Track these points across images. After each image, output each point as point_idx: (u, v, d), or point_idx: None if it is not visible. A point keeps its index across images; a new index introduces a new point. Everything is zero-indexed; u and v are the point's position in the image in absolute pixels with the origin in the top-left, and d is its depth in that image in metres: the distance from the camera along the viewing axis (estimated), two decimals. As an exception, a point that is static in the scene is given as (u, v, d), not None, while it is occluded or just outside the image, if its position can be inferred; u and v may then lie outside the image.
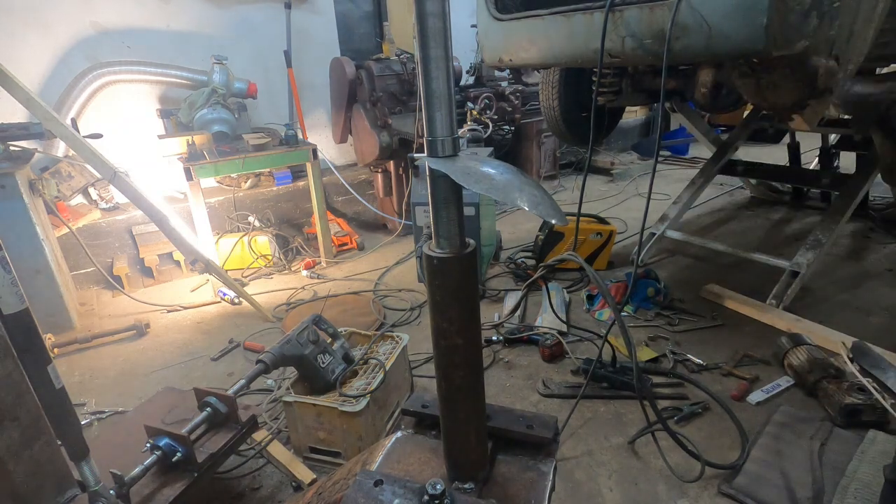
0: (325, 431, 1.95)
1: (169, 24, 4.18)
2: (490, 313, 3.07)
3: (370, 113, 4.21)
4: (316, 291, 3.58)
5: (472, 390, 0.89)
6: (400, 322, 3.10)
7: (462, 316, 0.82)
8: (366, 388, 1.97)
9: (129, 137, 4.11)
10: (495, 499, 0.92)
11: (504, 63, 2.66)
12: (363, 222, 4.91)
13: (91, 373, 2.76)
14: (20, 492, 1.26)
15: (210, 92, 3.99)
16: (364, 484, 0.87)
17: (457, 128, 0.75)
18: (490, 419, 1.03)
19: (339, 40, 5.13)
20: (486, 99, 4.52)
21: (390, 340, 2.31)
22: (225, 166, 3.49)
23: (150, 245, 3.82)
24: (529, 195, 0.71)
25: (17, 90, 2.52)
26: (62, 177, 3.62)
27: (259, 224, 4.20)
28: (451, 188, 0.75)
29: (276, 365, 1.91)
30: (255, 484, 1.96)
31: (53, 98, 3.72)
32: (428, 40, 0.68)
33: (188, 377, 2.67)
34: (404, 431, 1.13)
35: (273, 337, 2.96)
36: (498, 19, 2.55)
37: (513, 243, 4.11)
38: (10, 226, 2.83)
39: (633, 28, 1.99)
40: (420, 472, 1.00)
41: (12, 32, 3.60)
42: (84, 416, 2.36)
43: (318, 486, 1.19)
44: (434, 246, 0.80)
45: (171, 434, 1.58)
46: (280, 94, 4.76)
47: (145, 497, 1.51)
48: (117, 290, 3.50)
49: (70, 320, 3.15)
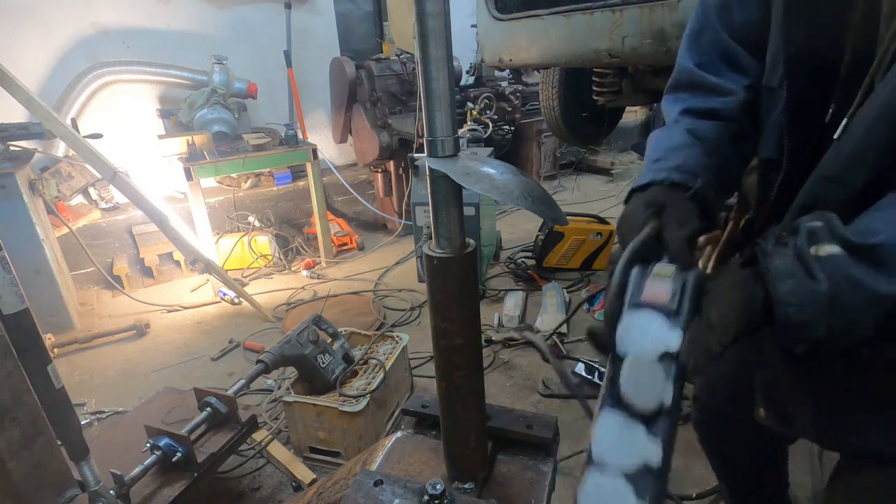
0: (325, 431, 1.95)
1: (169, 24, 4.18)
2: (490, 313, 3.07)
3: (370, 113, 4.21)
4: (316, 291, 3.58)
5: (472, 390, 0.89)
6: (400, 322, 3.10)
7: (462, 316, 0.82)
8: (366, 388, 1.97)
9: (129, 137, 4.11)
10: (495, 499, 0.92)
11: (504, 63, 2.65)
12: (363, 222, 4.91)
13: (91, 373, 2.76)
14: (20, 492, 1.26)
15: (210, 92, 3.99)
16: (364, 484, 0.87)
17: (457, 128, 0.75)
18: (490, 419, 1.03)
19: (339, 40, 5.13)
20: (486, 99, 4.52)
21: (390, 340, 2.31)
22: (225, 166, 3.49)
23: (150, 245, 3.82)
24: (529, 195, 0.71)
25: (17, 90, 2.52)
26: (62, 177, 3.62)
27: (259, 224, 4.19)
28: (451, 188, 0.75)
29: (276, 365, 1.91)
30: (255, 484, 1.96)
31: (53, 98, 3.72)
32: (428, 40, 0.68)
33: (188, 377, 2.67)
34: (404, 431, 1.13)
35: (273, 337, 2.96)
36: (498, 19, 2.55)
37: (513, 243, 4.11)
38: (10, 226, 2.83)
39: (633, 28, 1.99)
40: (420, 472, 1.00)
41: (12, 32, 3.60)
42: (84, 416, 2.36)
43: (318, 486, 1.19)
44: (434, 246, 0.80)
45: (171, 434, 1.58)
46: (280, 94, 4.76)
47: (145, 497, 1.51)
48: (117, 290, 3.50)
49: (70, 320, 3.15)
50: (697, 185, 0.77)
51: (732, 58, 0.87)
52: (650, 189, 0.80)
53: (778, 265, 0.61)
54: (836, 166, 0.66)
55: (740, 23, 0.85)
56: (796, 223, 0.63)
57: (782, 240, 0.64)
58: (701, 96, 0.88)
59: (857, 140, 0.63)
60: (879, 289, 0.55)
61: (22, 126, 2.87)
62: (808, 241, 0.60)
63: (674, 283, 0.64)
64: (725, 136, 0.85)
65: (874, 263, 0.56)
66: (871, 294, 0.56)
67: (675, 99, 0.92)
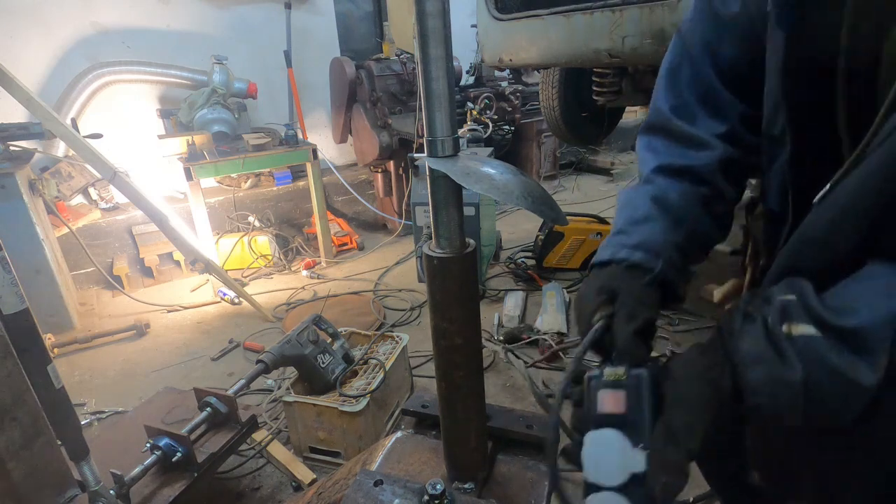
0: (325, 431, 1.95)
1: (169, 24, 4.18)
2: (490, 313, 3.07)
3: (370, 113, 4.21)
4: (316, 291, 3.58)
5: (472, 390, 0.89)
6: (400, 322, 3.10)
7: (462, 316, 0.82)
8: (366, 388, 1.97)
9: (129, 137, 4.11)
10: (495, 499, 0.92)
11: (504, 63, 2.65)
12: (363, 222, 4.90)
13: (91, 373, 2.76)
14: (20, 492, 1.26)
15: (210, 92, 3.99)
16: (364, 484, 0.87)
17: (457, 128, 0.75)
18: (490, 419, 1.03)
19: (339, 40, 5.13)
20: (486, 99, 4.51)
21: (390, 340, 2.31)
22: (225, 166, 3.49)
23: (150, 245, 3.82)
24: (529, 195, 0.71)
25: (17, 90, 2.52)
26: (62, 177, 3.62)
27: (259, 224, 4.19)
28: (451, 188, 0.75)
29: (276, 365, 1.91)
30: (255, 484, 1.95)
31: (53, 98, 3.72)
32: (428, 40, 0.68)
33: (188, 377, 2.67)
34: (404, 431, 1.13)
35: (273, 337, 2.96)
36: (498, 19, 2.55)
37: (513, 243, 4.11)
38: (10, 226, 2.83)
39: (633, 28, 1.99)
40: (420, 472, 1.00)
41: (12, 32, 3.60)
42: (84, 416, 2.36)
43: (319, 486, 1.20)
44: (434, 246, 0.80)
45: (171, 434, 1.58)
46: (280, 94, 4.76)
47: (145, 497, 1.51)
48: (117, 290, 3.50)
49: (70, 320, 3.15)
50: (658, 267, 0.72)
51: (712, 99, 0.81)
52: (608, 268, 0.75)
53: (748, 349, 0.55)
54: (819, 229, 0.60)
55: (728, 61, 0.80)
56: (768, 293, 0.57)
57: (751, 314, 0.57)
58: (675, 148, 0.83)
59: (842, 206, 0.57)
60: (860, 379, 0.49)
61: (22, 126, 2.87)
62: (780, 317, 0.54)
63: (626, 388, 0.57)
64: (697, 202, 0.79)
65: (853, 348, 0.50)
66: (850, 384, 0.49)
67: (650, 146, 0.87)
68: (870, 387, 0.48)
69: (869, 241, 0.55)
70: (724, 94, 0.81)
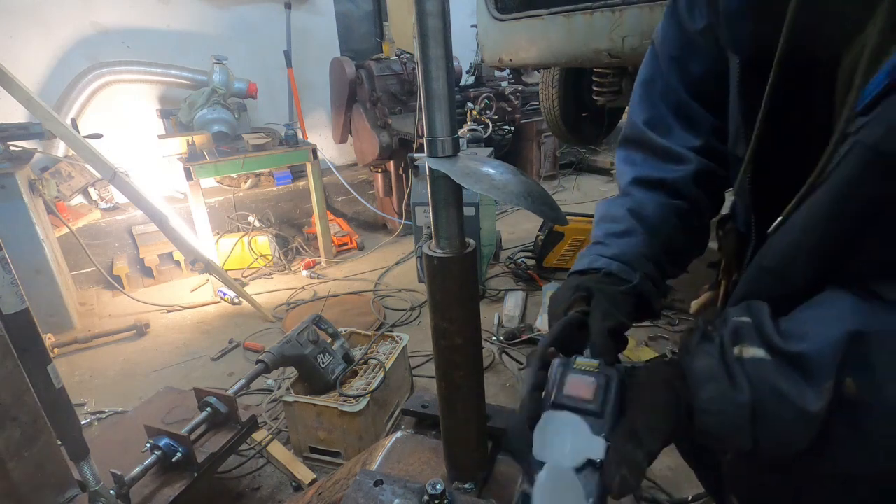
0: (325, 431, 1.95)
1: (169, 24, 4.18)
2: (490, 313, 3.07)
3: (370, 113, 4.21)
4: (316, 291, 3.58)
5: (472, 390, 0.89)
6: (400, 322, 3.10)
7: (462, 316, 0.82)
8: (366, 388, 1.97)
9: (129, 137, 4.11)
10: (495, 499, 0.92)
11: (504, 63, 2.65)
12: (363, 222, 4.91)
13: (91, 373, 2.76)
14: (20, 492, 1.26)
15: (210, 92, 3.99)
16: (364, 484, 0.87)
17: (457, 128, 0.75)
18: (490, 419, 1.03)
19: (339, 40, 5.13)
20: (486, 99, 4.52)
21: (390, 340, 2.31)
22: (225, 166, 3.49)
23: (150, 245, 3.82)
24: (529, 195, 0.71)
25: (17, 90, 2.52)
26: (62, 177, 3.62)
27: (259, 224, 4.19)
28: (451, 188, 0.75)
29: (276, 365, 1.91)
30: (255, 484, 1.95)
31: (53, 98, 3.72)
32: (428, 40, 0.68)
33: (188, 377, 2.67)
34: (404, 431, 1.13)
35: (273, 337, 2.96)
36: (498, 19, 2.54)
37: (513, 243, 4.11)
38: (10, 226, 2.83)
39: (633, 28, 1.99)
40: (420, 472, 1.00)
41: (12, 32, 3.60)
42: (84, 416, 2.36)
43: (318, 486, 1.20)
44: (434, 246, 0.80)
45: (171, 434, 1.58)
46: (280, 94, 4.76)
47: (145, 497, 1.51)
48: (117, 290, 3.50)
49: (70, 320, 3.15)
50: (634, 280, 0.72)
51: (685, 112, 0.81)
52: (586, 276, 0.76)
53: (700, 367, 0.55)
54: (774, 261, 0.59)
55: (696, 76, 0.80)
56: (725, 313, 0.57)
57: (709, 334, 0.57)
58: (651, 161, 0.83)
59: (795, 240, 0.56)
60: (807, 405, 0.48)
61: (22, 126, 2.87)
62: (733, 339, 0.54)
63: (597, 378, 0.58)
64: (672, 214, 0.79)
65: (801, 373, 0.49)
66: (797, 410, 0.49)
67: (627, 158, 0.87)
68: (816, 412, 0.48)
69: (822, 274, 0.54)
70: (696, 108, 0.81)
